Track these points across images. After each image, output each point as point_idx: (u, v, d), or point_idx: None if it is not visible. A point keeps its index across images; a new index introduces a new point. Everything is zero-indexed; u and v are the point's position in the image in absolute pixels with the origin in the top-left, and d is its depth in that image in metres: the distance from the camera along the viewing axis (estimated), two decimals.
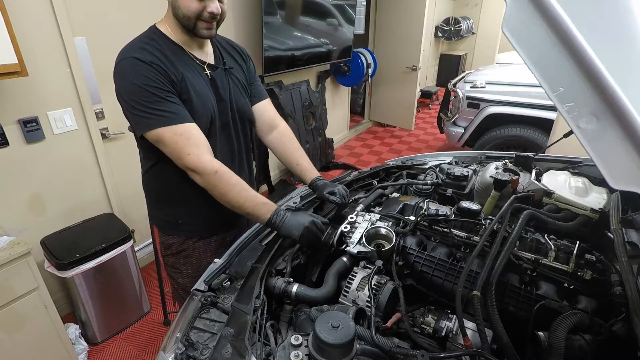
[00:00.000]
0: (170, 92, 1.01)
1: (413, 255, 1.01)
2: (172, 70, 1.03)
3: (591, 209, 1.09)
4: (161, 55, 1.02)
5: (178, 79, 1.03)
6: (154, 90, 0.98)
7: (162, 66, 1.00)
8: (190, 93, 1.06)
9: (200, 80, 1.10)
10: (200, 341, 0.77)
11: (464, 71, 5.34)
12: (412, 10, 4.73)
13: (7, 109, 1.72)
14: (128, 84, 0.99)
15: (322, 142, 4.06)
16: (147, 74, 0.98)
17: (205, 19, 1.02)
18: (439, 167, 1.53)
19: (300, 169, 1.31)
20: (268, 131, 1.34)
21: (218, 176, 1.02)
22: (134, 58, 0.98)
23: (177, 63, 1.05)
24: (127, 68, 0.99)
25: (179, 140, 1.00)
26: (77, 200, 2.08)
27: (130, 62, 0.98)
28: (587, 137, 0.54)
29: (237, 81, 1.21)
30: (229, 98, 1.18)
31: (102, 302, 1.95)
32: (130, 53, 1.00)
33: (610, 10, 0.51)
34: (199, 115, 1.07)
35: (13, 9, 1.56)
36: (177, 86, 1.03)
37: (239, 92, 1.21)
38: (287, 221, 1.04)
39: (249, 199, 1.06)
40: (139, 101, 0.98)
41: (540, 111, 3.20)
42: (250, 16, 3.01)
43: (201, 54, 1.13)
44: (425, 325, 0.90)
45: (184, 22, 1.03)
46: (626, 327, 0.76)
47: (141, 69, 0.98)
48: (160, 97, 0.99)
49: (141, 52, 1.00)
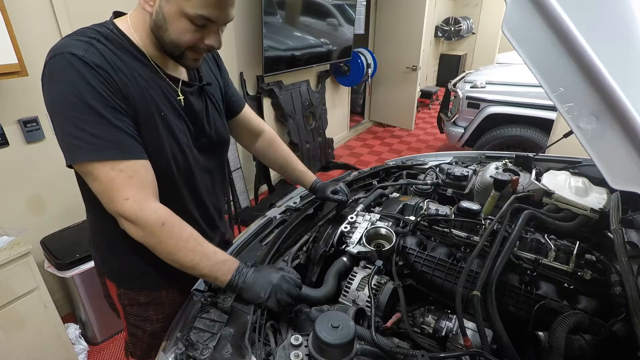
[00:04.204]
0: (120, 112, 0.74)
1: (413, 255, 1.01)
2: (128, 84, 0.76)
3: (591, 209, 1.09)
4: (114, 61, 0.75)
5: (136, 97, 0.77)
6: (97, 105, 0.71)
7: (113, 75, 0.73)
8: (156, 120, 0.81)
9: (172, 104, 0.86)
10: (200, 341, 0.77)
11: (464, 71, 5.35)
12: (412, 10, 4.73)
13: (7, 109, 1.72)
14: (58, 92, 0.71)
15: (322, 142, 4.06)
16: (90, 80, 0.70)
17: (199, 50, 0.81)
18: (439, 167, 1.53)
19: (297, 174, 1.24)
20: (253, 140, 1.21)
21: (166, 229, 0.77)
22: (72, 55, 0.70)
23: (139, 78, 0.78)
24: (60, 69, 0.71)
25: (117, 177, 0.74)
26: (77, 200, 2.05)
27: (67, 60, 0.70)
28: (587, 137, 0.53)
29: (215, 99, 0.99)
30: (207, 124, 0.95)
31: (102, 302, 1.93)
32: (68, 47, 0.71)
33: (610, 10, 0.51)
34: (166, 149, 0.84)
35: (13, 9, 1.56)
36: (131, 107, 0.77)
37: (217, 114, 0.99)
38: (251, 281, 0.82)
39: (205, 257, 0.81)
40: (71, 118, 0.71)
41: (540, 111, 3.20)
42: (250, 16, 3.01)
43: (173, 69, 0.88)
44: (425, 325, 0.90)
45: (167, 47, 0.80)
46: (626, 327, 0.76)
47: (82, 73, 0.70)
48: (103, 117, 0.72)
49: (86, 48, 0.72)
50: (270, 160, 1.25)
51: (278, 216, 1.24)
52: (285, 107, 3.47)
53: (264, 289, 0.82)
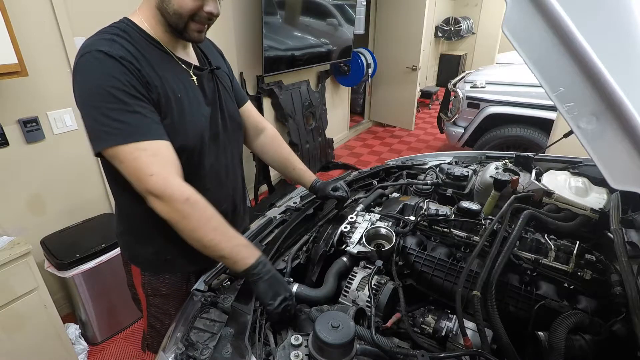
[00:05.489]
0: (142, 100, 0.81)
1: (413, 255, 1.01)
2: (149, 71, 0.83)
3: (591, 209, 1.09)
4: (135, 52, 0.83)
5: (156, 84, 0.84)
6: (120, 94, 0.78)
7: (136, 64, 0.81)
8: (173, 102, 0.88)
9: (187, 86, 0.92)
10: (200, 341, 0.77)
11: (464, 71, 5.35)
12: (412, 10, 4.73)
13: (7, 109, 1.72)
14: (89, 85, 0.79)
15: (322, 142, 4.06)
16: (115, 73, 0.78)
17: (200, 19, 0.87)
18: (439, 167, 1.53)
19: (298, 173, 1.23)
20: (255, 136, 1.22)
21: (189, 205, 0.81)
22: (99, 52, 0.78)
23: (157, 64, 0.86)
24: (90, 65, 0.79)
25: (141, 156, 0.79)
26: (77, 200, 2.07)
27: (95, 57, 0.78)
28: (587, 137, 0.54)
29: (225, 83, 1.05)
30: (219, 105, 1.01)
31: (102, 302, 1.95)
32: (95, 46, 0.79)
33: (610, 10, 0.51)
34: (187, 129, 0.90)
35: (13, 9, 1.56)
36: (154, 93, 0.84)
37: (228, 97, 1.05)
38: (273, 279, 0.84)
39: (226, 238, 0.84)
40: (100, 107, 0.78)
41: (540, 111, 3.20)
42: (250, 16, 3.01)
43: (185, 55, 0.96)
44: (425, 325, 0.90)
45: (172, 20, 0.86)
46: (626, 327, 0.76)
47: (108, 66, 0.78)
48: (126, 104, 0.79)
49: (110, 44, 0.80)
50: (271, 157, 1.25)
51: (278, 216, 1.24)
52: (285, 107, 3.47)
53: (277, 295, 0.82)
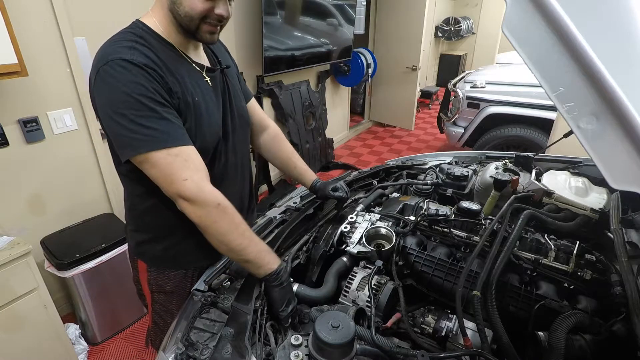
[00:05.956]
0: (167, 106, 0.83)
1: (413, 255, 1.01)
2: (170, 78, 0.84)
3: (591, 209, 1.09)
4: (156, 58, 0.83)
5: (177, 89, 0.85)
6: (148, 102, 0.79)
7: (159, 71, 0.82)
8: (192, 107, 0.89)
9: (203, 88, 0.93)
10: (200, 341, 0.77)
11: (464, 71, 5.35)
12: (412, 10, 4.73)
13: (7, 109, 1.72)
14: (116, 93, 0.79)
15: (322, 142, 4.06)
16: (141, 80, 0.79)
17: (211, 21, 0.87)
18: (439, 167, 1.53)
19: (299, 172, 1.24)
20: (258, 133, 1.23)
21: (221, 210, 0.84)
22: (123, 60, 0.79)
23: (175, 69, 0.86)
24: (115, 73, 0.79)
25: (175, 161, 0.81)
26: (77, 200, 2.07)
27: (120, 64, 0.79)
28: (587, 137, 0.54)
29: (234, 81, 1.07)
30: (230, 105, 1.02)
31: (102, 302, 1.95)
32: (117, 54, 0.80)
33: (610, 10, 0.51)
34: (205, 132, 0.92)
35: (13, 9, 1.56)
36: (175, 99, 0.85)
37: (237, 96, 1.06)
38: (288, 286, 0.89)
39: (253, 243, 0.88)
40: (129, 115, 0.78)
41: (540, 111, 3.20)
42: (250, 16, 3.01)
43: (196, 56, 0.97)
44: (425, 325, 0.90)
45: (184, 22, 0.86)
46: (626, 327, 0.76)
47: (134, 74, 0.79)
48: (154, 111, 0.80)
49: (131, 52, 0.80)
50: (272, 155, 1.26)
51: (278, 216, 1.24)
52: (285, 107, 3.47)
53: (289, 303, 0.87)
